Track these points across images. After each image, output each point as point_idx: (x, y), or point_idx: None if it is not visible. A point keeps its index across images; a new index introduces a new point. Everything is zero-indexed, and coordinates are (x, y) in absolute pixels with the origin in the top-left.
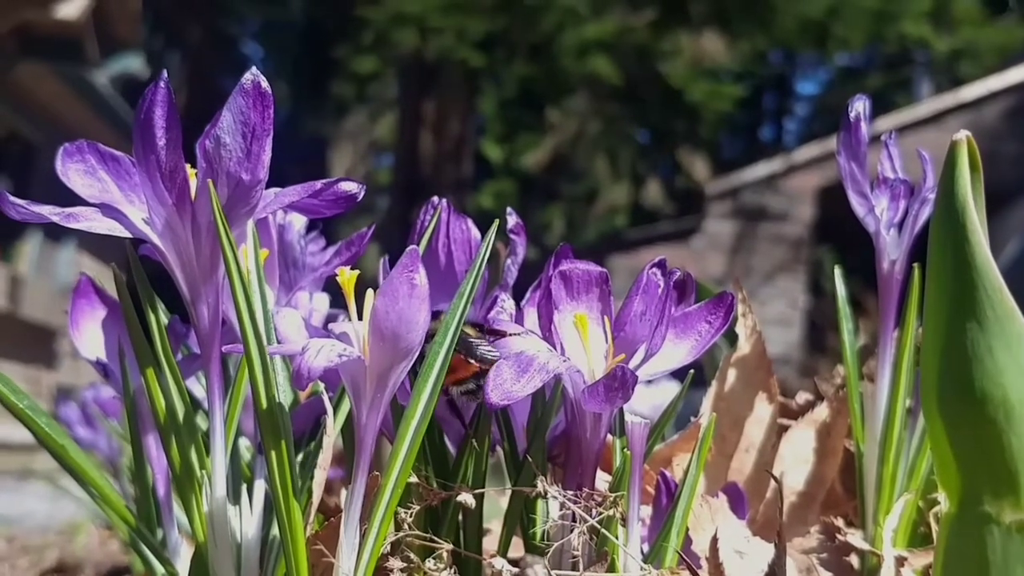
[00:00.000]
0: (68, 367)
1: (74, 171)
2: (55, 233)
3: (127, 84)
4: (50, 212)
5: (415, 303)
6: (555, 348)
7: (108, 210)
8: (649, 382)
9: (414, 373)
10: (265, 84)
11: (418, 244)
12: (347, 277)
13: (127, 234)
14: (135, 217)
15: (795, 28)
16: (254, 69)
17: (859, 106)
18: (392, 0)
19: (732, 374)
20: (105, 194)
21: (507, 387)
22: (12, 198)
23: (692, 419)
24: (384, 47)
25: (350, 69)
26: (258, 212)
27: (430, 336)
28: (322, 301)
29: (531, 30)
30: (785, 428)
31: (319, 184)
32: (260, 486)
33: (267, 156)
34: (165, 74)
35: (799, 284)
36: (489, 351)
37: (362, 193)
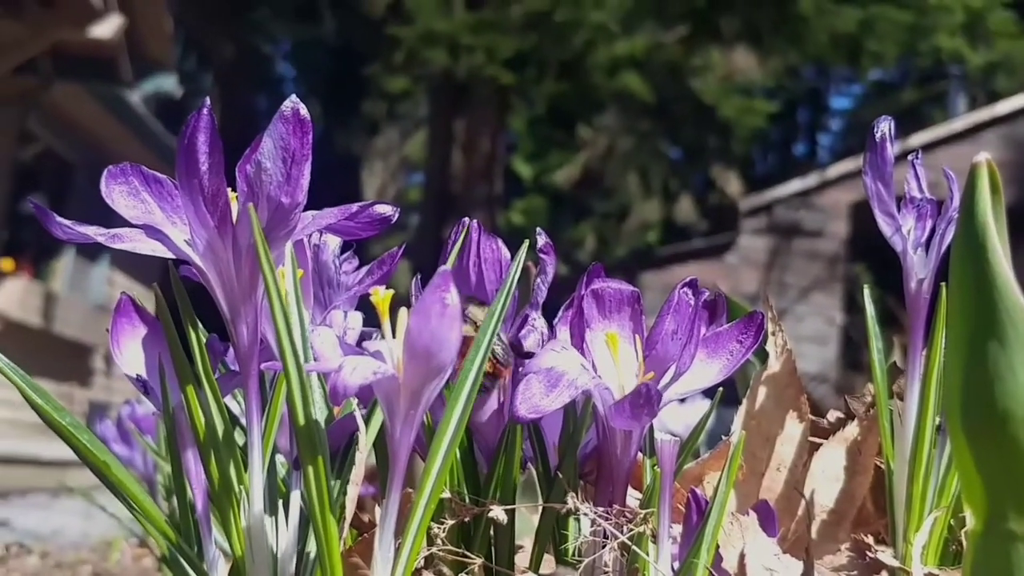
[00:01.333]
0: (101, 384)
1: (118, 192)
2: (89, 251)
3: (160, 103)
4: (95, 233)
5: (447, 322)
6: (586, 365)
7: (151, 231)
8: (682, 401)
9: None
10: (304, 111)
11: (449, 264)
12: (381, 297)
13: (169, 255)
14: (177, 238)
15: (827, 43)
16: (294, 97)
17: (884, 127)
18: (422, 19)
19: (763, 392)
20: (148, 215)
21: (536, 401)
22: (58, 218)
23: (723, 437)
24: (415, 66)
25: (381, 88)
26: (296, 234)
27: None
28: (356, 319)
29: (562, 47)
30: (816, 446)
31: (355, 207)
32: (295, 501)
33: (306, 180)
34: (207, 101)
35: (835, 301)
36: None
37: (396, 216)
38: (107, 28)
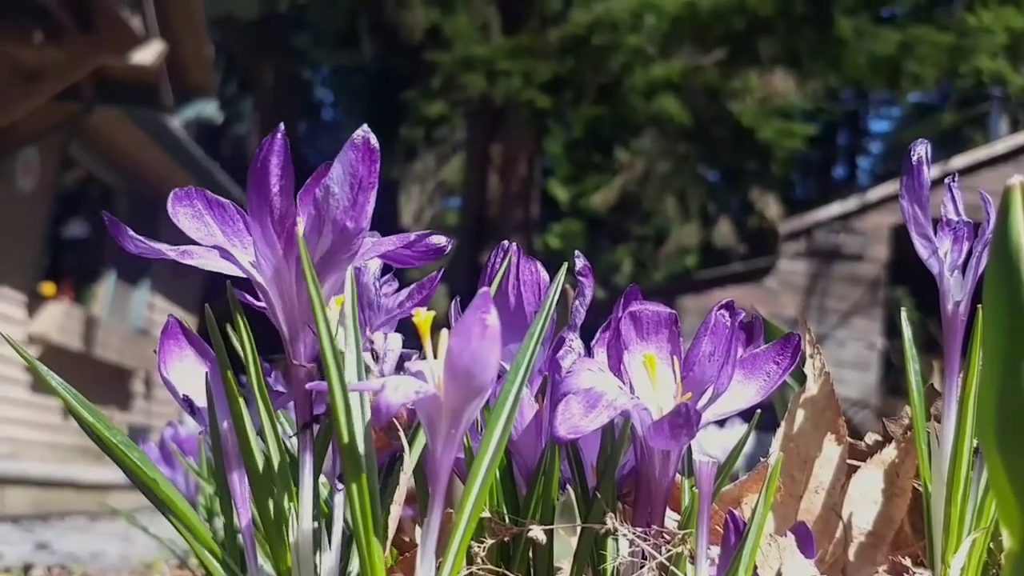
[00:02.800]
0: (140, 408)
1: (183, 214)
2: (129, 276)
3: (201, 128)
4: (167, 249)
5: (487, 343)
6: (624, 386)
7: (218, 251)
8: (721, 425)
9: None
10: (374, 140)
11: (489, 286)
12: (423, 318)
13: (236, 273)
14: (241, 259)
15: (867, 66)
16: (365, 127)
17: (920, 150)
18: (460, 45)
19: (801, 415)
20: (210, 238)
21: (575, 421)
22: (131, 233)
23: (761, 460)
24: (452, 91)
25: (419, 113)
26: (357, 259)
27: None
28: (396, 341)
29: (599, 71)
30: (854, 469)
31: (413, 236)
32: (339, 521)
33: (371, 207)
34: (282, 126)
35: (876, 325)
36: None
37: (449, 246)
38: (148, 54)
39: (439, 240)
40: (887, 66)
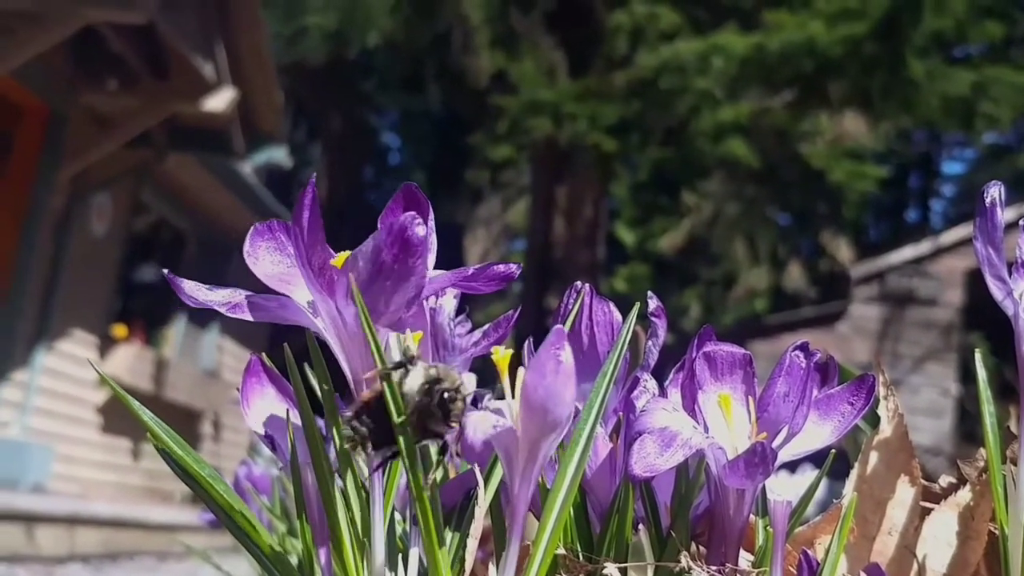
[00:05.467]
0: (209, 449)
1: (264, 249)
2: (199, 319)
3: (271, 174)
4: (217, 305)
5: (561, 379)
6: (699, 426)
7: (271, 300)
8: (793, 472)
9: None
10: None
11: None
12: (501, 356)
13: (288, 322)
14: (301, 300)
15: (939, 107)
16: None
17: (994, 191)
18: (526, 88)
19: (874, 456)
20: (291, 269)
21: (651, 460)
22: (187, 290)
23: (835, 501)
24: (518, 134)
25: (484, 156)
26: (426, 292)
27: None
28: (470, 380)
29: (665, 114)
30: (928, 511)
31: (471, 270)
32: (414, 556)
33: (426, 268)
34: (313, 176)
35: (950, 371)
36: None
37: (518, 272)
38: (220, 101)
39: (509, 267)
40: (960, 107)
